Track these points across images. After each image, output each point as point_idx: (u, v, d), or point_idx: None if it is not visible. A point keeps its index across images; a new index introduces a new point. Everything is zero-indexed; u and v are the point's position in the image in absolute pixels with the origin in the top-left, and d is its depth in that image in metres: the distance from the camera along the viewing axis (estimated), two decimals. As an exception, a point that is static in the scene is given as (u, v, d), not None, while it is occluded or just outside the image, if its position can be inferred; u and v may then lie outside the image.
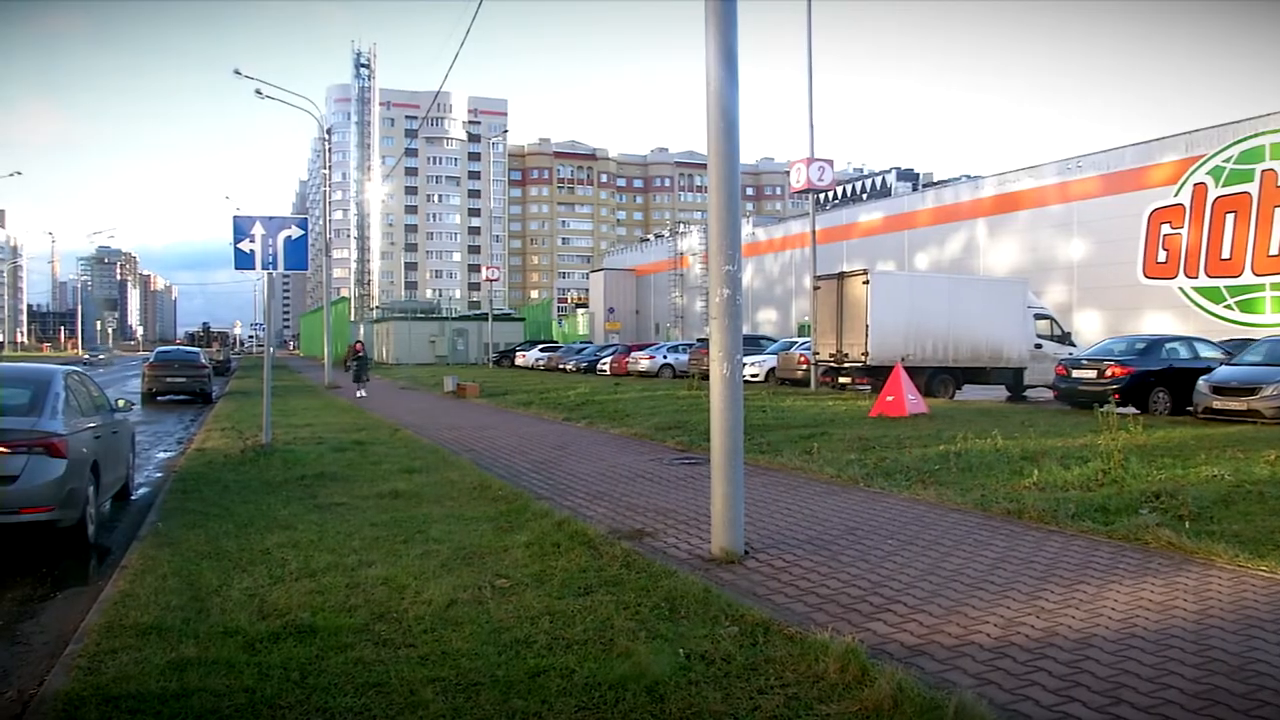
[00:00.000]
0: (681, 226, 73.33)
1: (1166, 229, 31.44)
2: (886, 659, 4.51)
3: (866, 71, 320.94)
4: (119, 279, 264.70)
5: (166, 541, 7.46)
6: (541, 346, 55.94)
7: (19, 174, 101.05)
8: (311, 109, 38.49)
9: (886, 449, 12.26)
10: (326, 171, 59.22)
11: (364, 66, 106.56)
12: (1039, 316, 26.15)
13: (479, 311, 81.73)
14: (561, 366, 47.81)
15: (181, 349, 37.22)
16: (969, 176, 47.55)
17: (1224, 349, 19.94)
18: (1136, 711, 3.90)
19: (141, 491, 11.21)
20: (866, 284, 23.22)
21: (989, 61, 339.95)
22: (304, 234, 13.62)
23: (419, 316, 74.45)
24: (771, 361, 31.20)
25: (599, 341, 63.23)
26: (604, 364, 43.28)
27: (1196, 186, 30.57)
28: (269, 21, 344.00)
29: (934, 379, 23.32)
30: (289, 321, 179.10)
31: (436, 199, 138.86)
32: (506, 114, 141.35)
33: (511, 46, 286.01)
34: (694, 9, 7.10)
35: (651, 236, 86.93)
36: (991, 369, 24.74)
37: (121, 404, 10.54)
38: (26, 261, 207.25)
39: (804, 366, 27.92)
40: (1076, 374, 19.34)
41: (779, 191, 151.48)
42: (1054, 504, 8.23)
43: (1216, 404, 16.11)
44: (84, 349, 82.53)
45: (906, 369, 18.67)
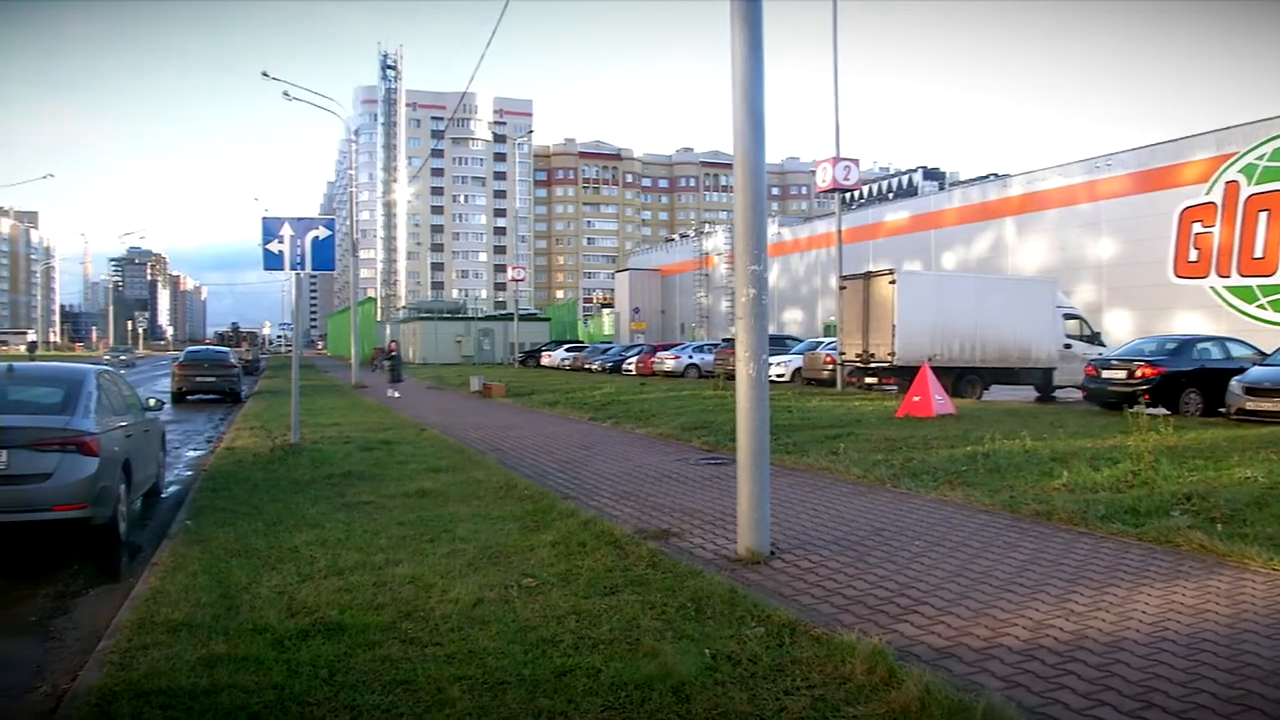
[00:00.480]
0: (707, 226, 73.18)
1: (1198, 228, 31.06)
2: (914, 661, 4.49)
3: (893, 70, 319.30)
4: (149, 279, 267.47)
5: (196, 539, 7.53)
6: (567, 346, 56.04)
7: (51, 176, 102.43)
8: (338, 110, 38.75)
9: (913, 449, 12.19)
10: (353, 172, 59.62)
11: (390, 68, 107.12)
12: (1068, 316, 25.92)
13: (505, 311, 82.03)
14: (587, 366, 47.85)
15: (211, 349, 37.52)
16: (996, 175, 47.22)
17: (1258, 349, 19.67)
18: (1168, 716, 3.86)
19: (172, 489, 11.32)
20: (893, 284, 23.10)
21: (1018, 61, 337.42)
22: (331, 235, 13.72)
23: (445, 316, 74.76)
24: (797, 361, 31.11)
25: (624, 341, 63.29)
26: (629, 364, 43.27)
27: (1229, 184, 30.15)
28: (297, 24, 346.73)
29: (961, 379, 23.16)
30: (316, 321, 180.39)
31: (462, 199, 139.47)
32: (532, 114, 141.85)
33: (537, 47, 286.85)
34: (719, 9, 7.10)
35: (677, 236, 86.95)
36: (1020, 369, 24.53)
37: (152, 403, 10.66)
38: (59, 262, 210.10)
39: (830, 366, 27.81)
40: (1106, 374, 19.15)
41: (804, 191, 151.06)
42: (1083, 506, 8.15)
43: (1250, 405, 15.89)
44: (105, 349, 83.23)
45: (933, 369, 18.56)
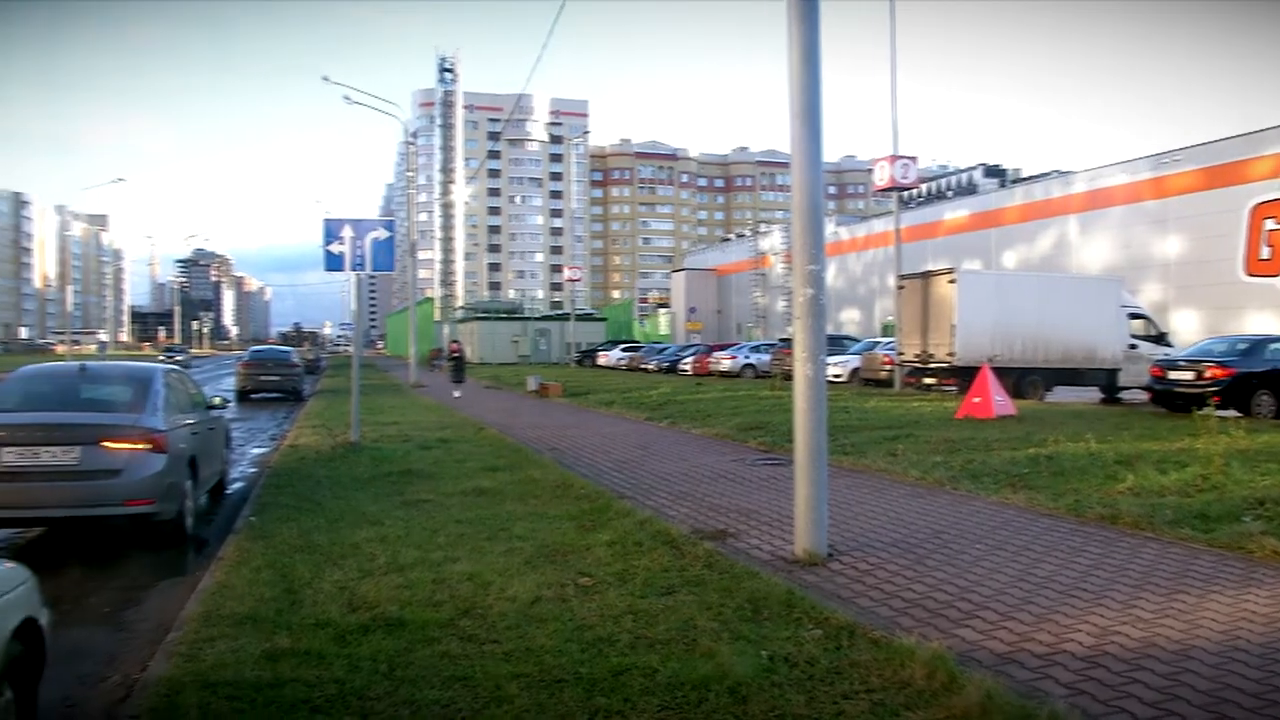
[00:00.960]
0: (763, 226, 72.93)
1: (1270, 224, 30.21)
2: (975, 666, 4.43)
3: (953, 66, 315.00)
4: (214, 280, 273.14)
5: (261, 534, 7.68)
6: (623, 346, 56.13)
7: (121, 180, 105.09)
8: (397, 113, 39.22)
9: (974, 451, 12.01)
10: (411, 174, 60.34)
11: (448, 71, 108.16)
12: (1133, 316, 25.34)
13: (561, 311, 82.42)
14: (643, 366, 47.90)
15: (274, 348, 38.21)
16: (1059, 172, 46.33)
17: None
18: (1240, 726, 3.76)
19: (236, 486, 11.56)
20: (953, 283, 22.80)
21: (1079, 55, 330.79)
22: (391, 236, 13.89)
23: (502, 316, 75.38)
24: (855, 362, 30.83)
25: (680, 341, 63.26)
26: (686, 364, 43.24)
27: (1302, 179, 29.31)
28: (355, 28, 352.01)
29: (1023, 380, 22.76)
30: (376, 321, 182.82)
31: (519, 200, 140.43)
32: (587, 115, 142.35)
33: (593, 48, 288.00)
34: (775, 7, 7.06)
35: (733, 236, 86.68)
36: (1083, 370, 24.07)
37: (217, 401, 10.89)
38: (128, 264, 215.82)
39: (888, 367, 27.53)
40: (1173, 375, 18.69)
41: (862, 190, 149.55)
42: (1150, 510, 7.96)
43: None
44: (159, 350, 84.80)
45: (994, 370, 18.27)
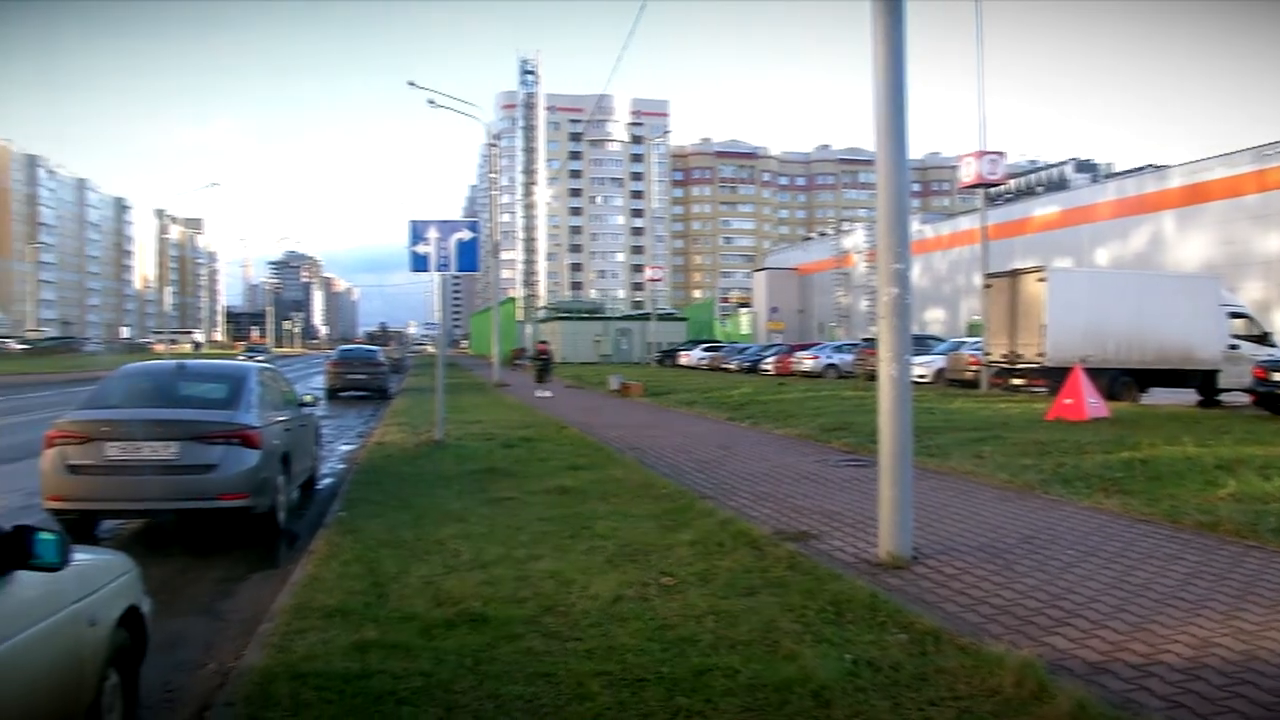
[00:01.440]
0: (846, 224, 72.14)
1: (1383, 220, 28.83)
2: (1066, 675, 4.31)
3: (1042, 57, 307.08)
4: (304, 281, 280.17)
5: (349, 529, 7.85)
6: (704, 346, 56.06)
7: (216, 185, 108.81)
8: (479, 115, 39.79)
9: (1065, 454, 11.68)
10: (494, 175, 61.08)
11: (530, 73, 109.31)
12: (1234, 315, 24.40)
13: (642, 311, 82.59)
14: (724, 366, 47.82)
15: (362, 347, 39.04)
16: (1154, 167, 44.92)
17: None
18: (1351, 744, 3.59)
19: (326, 482, 11.84)
20: (1043, 281, 22.25)
21: (1177, 44, 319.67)
22: (475, 237, 14.09)
23: (584, 316, 75.84)
24: (940, 362, 30.29)
25: (762, 341, 62.95)
26: (767, 364, 43.04)
27: None
28: (439, 32, 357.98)
29: (1116, 381, 22.06)
30: (460, 321, 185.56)
31: (600, 200, 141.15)
32: (668, 115, 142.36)
33: (673, 47, 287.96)
34: (858, 4, 6.96)
35: (815, 235, 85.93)
36: (1180, 371, 23.26)
37: (308, 399, 11.18)
38: (222, 266, 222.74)
39: (974, 367, 26.97)
40: (1278, 377, 17.96)
41: (947, 187, 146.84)
42: (1253, 517, 7.65)
43: None
44: (241, 349, 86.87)
45: (1086, 370, 17.77)
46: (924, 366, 30.31)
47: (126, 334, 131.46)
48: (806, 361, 39.55)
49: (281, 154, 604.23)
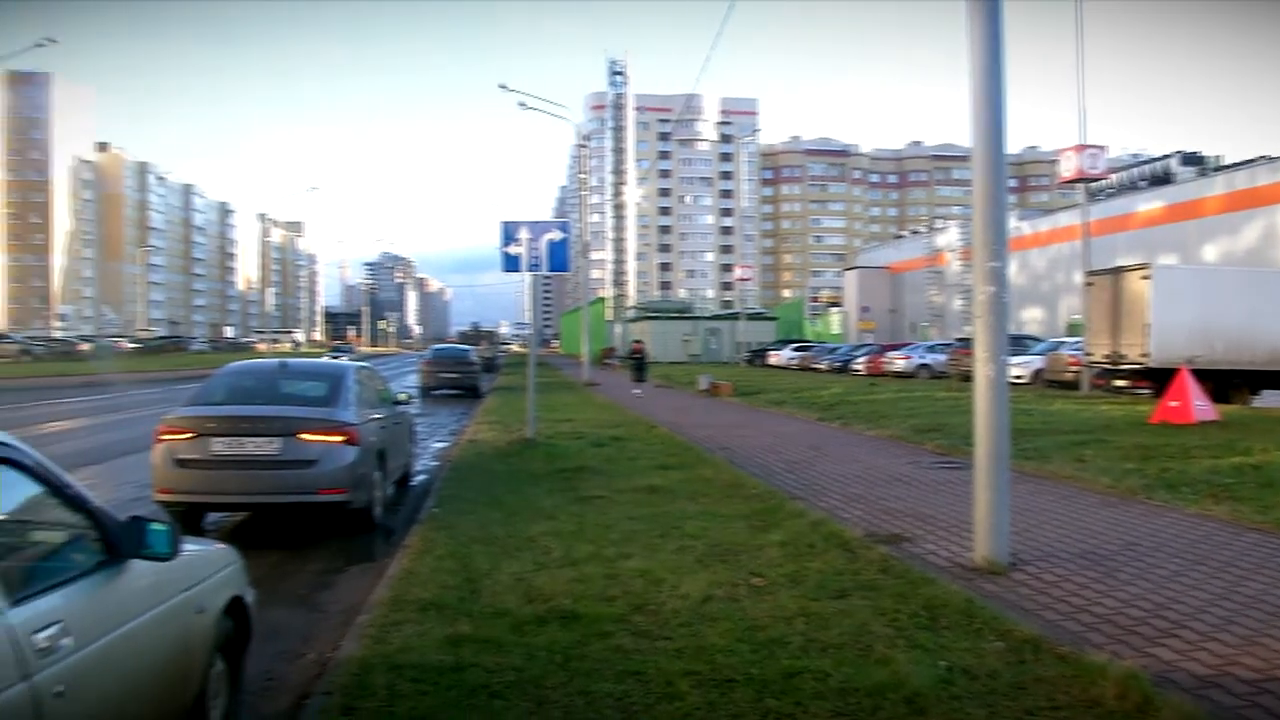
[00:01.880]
0: (939, 222, 70.74)
1: None
2: (1173, 688, 4.14)
3: (1144, 43, 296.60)
4: (398, 282, 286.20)
5: (442, 525, 7.99)
6: (794, 346, 55.66)
7: (315, 189, 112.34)
8: (569, 116, 40.22)
9: (1170, 459, 11.26)
10: (584, 176, 61.60)
11: (618, 74, 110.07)
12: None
13: (731, 311, 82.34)
14: (814, 366, 47.44)
15: (455, 347, 39.72)
16: (1268, 158, 42.97)
17: None
18: None
19: (420, 478, 12.07)
20: (1147, 279, 21.50)
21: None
22: (566, 237, 14.20)
23: (673, 316, 75.88)
24: (1038, 362, 29.50)
25: (852, 341, 62.22)
26: (858, 364, 42.60)
27: None
28: (529, 34, 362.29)
29: (1226, 383, 21.18)
30: (550, 321, 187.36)
31: (689, 200, 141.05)
32: (757, 113, 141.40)
33: (762, 46, 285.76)
34: (957, -5, 6.82)
35: (907, 233, 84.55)
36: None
37: (403, 397, 11.43)
38: (321, 267, 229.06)
39: (1074, 368, 26.20)
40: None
41: (1045, 182, 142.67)
42: (1376, 526, 7.28)
43: None
44: (326, 349, 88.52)
45: (1193, 372, 17.11)
46: (1021, 367, 29.54)
47: (230, 333, 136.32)
48: (898, 361, 39.01)
49: (377, 158, 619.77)
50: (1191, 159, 52.23)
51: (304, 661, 5.19)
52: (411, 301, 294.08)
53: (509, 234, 13.96)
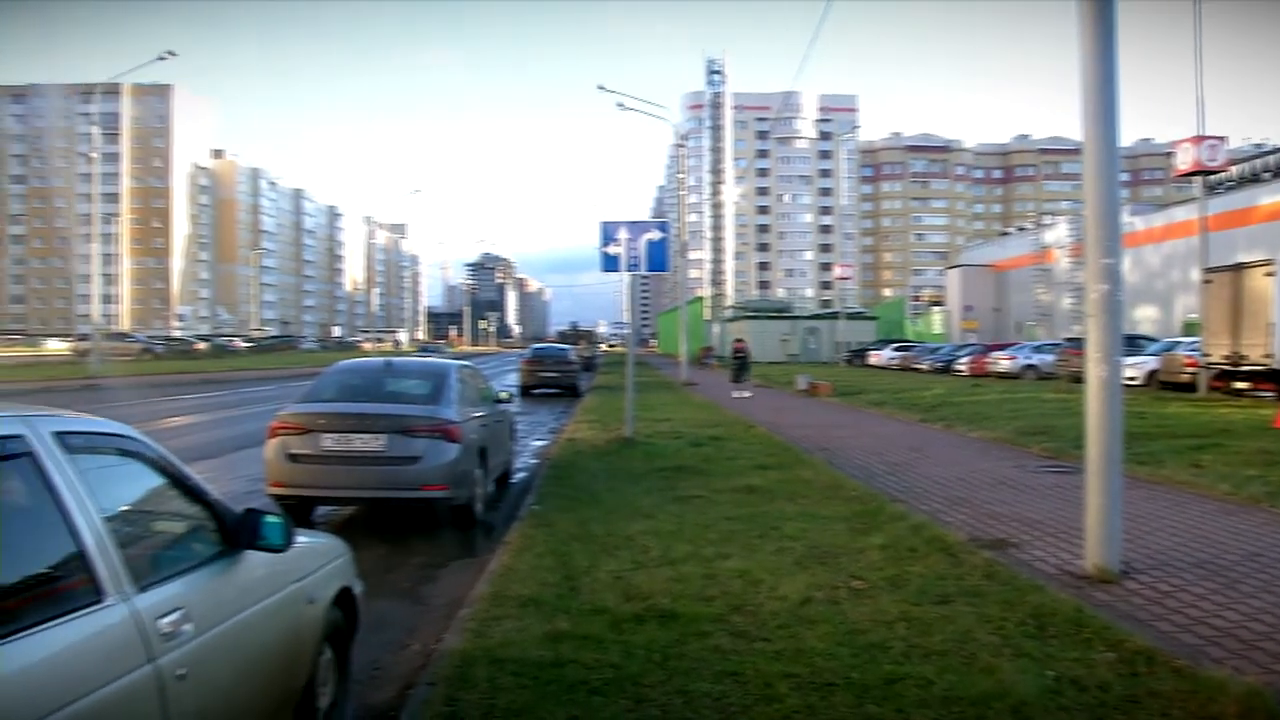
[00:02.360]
0: (1047, 218, 68.67)
1: None
2: (1300, 706, 3.95)
3: (1266, 26, 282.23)
4: (498, 282, 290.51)
5: (542, 522, 8.08)
6: (894, 346, 54.77)
7: (418, 191, 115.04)
8: (666, 116, 40.30)
9: (1296, 465, 10.72)
10: (682, 176, 61.54)
11: (716, 73, 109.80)
12: None
13: (830, 310, 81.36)
14: (915, 366, 46.67)
15: (554, 346, 40.10)
16: None
17: None
18: None
19: (520, 476, 12.23)
20: (1271, 275, 20.54)
21: None
22: (665, 237, 14.24)
23: (771, 315, 75.30)
24: (1152, 363, 28.38)
25: (955, 341, 60.88)
26: (961, 364, 41.73)
27: None
28: (626, 35, 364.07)
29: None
30: (648, 320, 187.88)
31: (788, 198, 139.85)
32: (857, 110, 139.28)
33: (861, 41, 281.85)
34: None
35: (1013, 229, 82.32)
36: None
37: (504, 396, 11.61)
38: (424, 268, 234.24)
39: (1191, 369, 25.15)
40: None
41: (1159, 175, 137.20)
42: None
43: None
44: (414, 347, 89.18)
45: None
46: (1134, 368, 28.43)
47: (337, 333, 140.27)
48: (1003, 362, 38.08)
49: (479, 160, 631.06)
50: (1320, 149, 49.58)
51: (408, 652, 5.32)
52: (511, 301, 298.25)
53: (608, 234, 14.05)
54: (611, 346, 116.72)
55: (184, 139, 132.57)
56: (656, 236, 14.08)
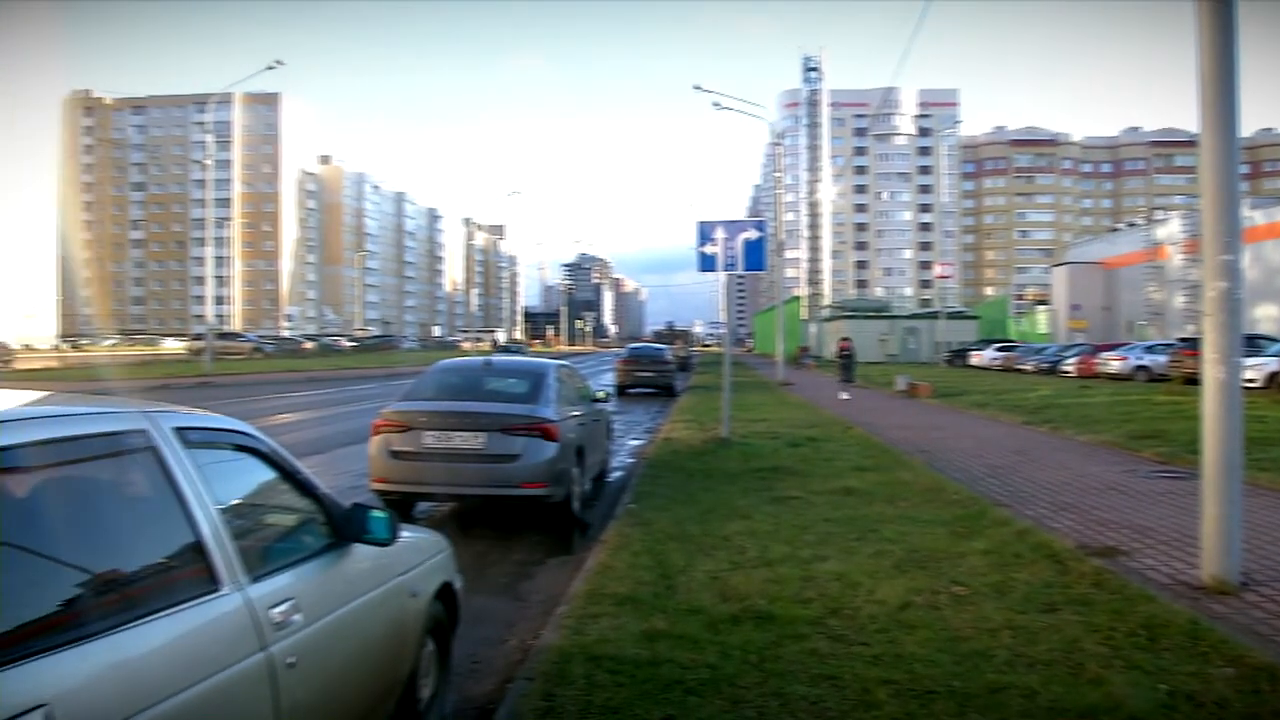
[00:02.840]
0: (1159, 213, 66.16)
1: None
2: None
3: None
4: (594, 282, 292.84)
5: (638, 521, 8.11)
6: (997, 346, 53.45)
7: (516, 193, 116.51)
8: (763, 115, 40.04)
9: None
10: (778, 175, 61.10)
11: (813, 70, 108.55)
12: None
13: (930, 309, 79.82)
14: (1019, 367, 45.52)
15: (650, 346, 40.22)
16: None
17: None
18: None
19: (616, 475, 12.30)
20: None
21: None
22: (762, 236, 14.14)
23: (869, 315, 74.24)
24: (1273, 365, 27.09)
25: (1061, 341, 59.13)
26: (1068, 365, 40.51)
27: None
28: (722, 34, 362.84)
29: None
30: (744, 320, 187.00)
31: (886, 196, 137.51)
32: (957, 104, 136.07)
33: (962, 35, 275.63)
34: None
35: (1123, 225, 79.42)
36: None
37: (600, 395, 11.70)
38: (521, 269, 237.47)
39: (1317, 371, 23.96)
40: None
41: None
42: None
43: None
44: (492, 346, 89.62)
45: None
46: (1254, 369, 27.20)
47: (437, 332, 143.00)
48: (1113, 363, 36.80)
49: (576, 161, 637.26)
50: None
51: (506, 647, 5.40)
52: (608, 301, 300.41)
53: (705, 234, 14.02)
54: (707, 346, 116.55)
55: (291, 145, 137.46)
56: (753, 236, 13.99)
